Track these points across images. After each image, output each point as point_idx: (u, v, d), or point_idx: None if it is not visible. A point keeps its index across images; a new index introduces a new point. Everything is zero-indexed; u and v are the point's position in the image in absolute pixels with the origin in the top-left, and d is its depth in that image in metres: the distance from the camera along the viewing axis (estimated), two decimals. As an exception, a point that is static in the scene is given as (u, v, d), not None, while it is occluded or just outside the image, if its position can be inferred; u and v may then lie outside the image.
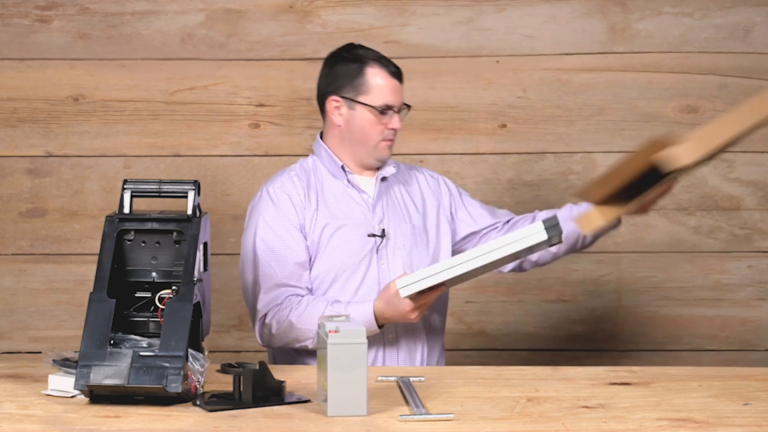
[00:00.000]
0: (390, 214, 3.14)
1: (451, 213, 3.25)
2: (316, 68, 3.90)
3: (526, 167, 3.92)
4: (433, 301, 2.93)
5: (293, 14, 3.90)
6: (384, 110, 3.08)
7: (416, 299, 2.86)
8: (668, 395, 2.56)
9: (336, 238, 3.07)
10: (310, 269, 3.08)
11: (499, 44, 3.90)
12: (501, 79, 3.91)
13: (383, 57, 3.14)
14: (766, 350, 3.95)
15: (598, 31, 3.90)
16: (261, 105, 3.91)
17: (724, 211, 3.92)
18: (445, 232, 3.21)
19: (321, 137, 3.21)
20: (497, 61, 3.90)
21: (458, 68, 3.89)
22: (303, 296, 3.04)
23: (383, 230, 3.09)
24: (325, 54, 3.90)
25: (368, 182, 3.16)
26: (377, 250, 3.09)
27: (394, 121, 3.10)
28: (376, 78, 3.10)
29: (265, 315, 3.04)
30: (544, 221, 2.74)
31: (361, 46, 3.18)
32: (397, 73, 3.12)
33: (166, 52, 3.90)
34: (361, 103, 3.09)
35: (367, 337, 2.51)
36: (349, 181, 3.13)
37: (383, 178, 3.16)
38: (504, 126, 3.92)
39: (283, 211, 3.08)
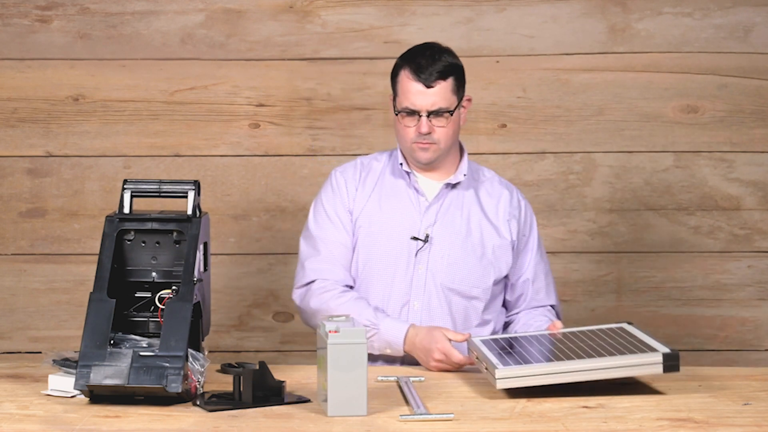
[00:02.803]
0: (444, 221, 3.09)
1: (516, 247, 3.16)
2: (316, 68, 3.92)
3: (526, 167, 3.92)
4: (456, 366, 2.87)
5: (293, 14, 3.90)
6: (407, 114, 3.04)
7: (448, 358, 2.83)
8: (668, 395, 2.56)
9: (376, 233, 3.08)
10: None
11: (499, 44, 3.90)
12: (501, 79, 3.91)
13: (428, 60, 3.04)
14: (766, 350, 3.95)
15: (598, 31, 3.90)
16: (261, 105, 3.91)
17: (724, 211, 3.92)
18: (506, 257, 3.12)
19: None
20: (497, 61, 3.90)
21: (458, 68, 3.89)
22: (351, 288, 3.08)
23: (427, 235, 3.07)
24: (325, 54, 3.91)
25: (432, 185, 3.12)
26: (416, 253, 3.07)
27: (420, 125, 3.03)
28: (403, 81, 3.05)
29: (313, 282, 3.07)
30: (665, 355, 2.55)
31: (426, 47, 3.09)
32: (424, 77, 3.02)
33: (166, 52, 3.90)
34: (394, 105, 3.10)
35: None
36: (410, 181, 3.11)
37: (448, 184, 3.11)
38: (504, 126, 3.91)
39: (338, 193, 3.13)
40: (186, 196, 2.63)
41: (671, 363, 2.54)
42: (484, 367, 2.56)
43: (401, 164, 3.12)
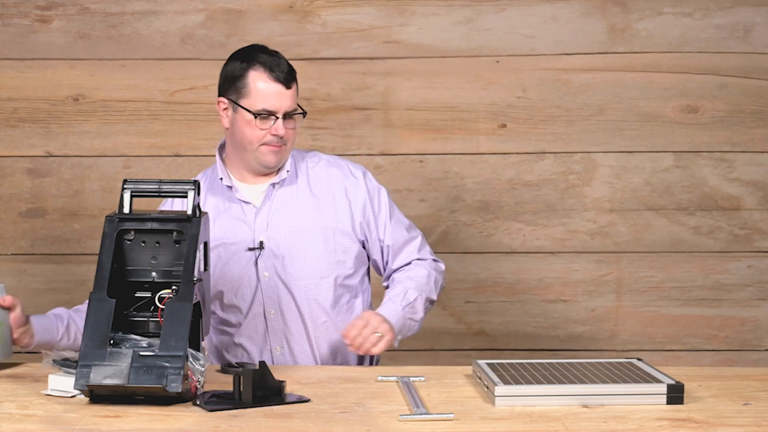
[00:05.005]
0: (275, 222, 3.04)
1: (363, 225, 3.11)
2: (316, 68, 3.91)
3: (526, 167, 3.92)
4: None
5: (293, 14, 3.90)
6: (263, 116, 2.98)
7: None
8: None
9: (217, 257, 3.03)
10: None
11: (499, 44, 3.90)
12: (501, 79, 3.91)
13: (275, 60, 3.00)
14: (766, 350, 3.95)
15: (598, 31, 3.90)
16: (261, 105, 3.91)
17: (724, 211, 3.92)
18: (349, 235, 3.08)
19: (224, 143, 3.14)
20: (497, 61, 3.90)
21: (458, 68, 3.89)
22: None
23: (261, 242, 3.02)
24: (325, 54, 3.91)
25: (257, 190, 3.07)
26: (256, 262, 3.03)
27: (276, 127, 2.98)
28: (257, 82, 2.98)
29: None
30: (670, 387, 2.49)
31: (261, 48, 3.05)
32: (282, 78, 2.98)
33: (166, 52, 3.90)
34: (241, 106, 2.99)
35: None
36: (233, 195, 3.06)
37: (273, 185, 3.06)
38: (504, 126, 3.92)
39: None
40: (186, 196, 2.63)
41: (675, 395, 2.51)
42: (485, 386, 2.57)
43: (221, 179, 3.06)
